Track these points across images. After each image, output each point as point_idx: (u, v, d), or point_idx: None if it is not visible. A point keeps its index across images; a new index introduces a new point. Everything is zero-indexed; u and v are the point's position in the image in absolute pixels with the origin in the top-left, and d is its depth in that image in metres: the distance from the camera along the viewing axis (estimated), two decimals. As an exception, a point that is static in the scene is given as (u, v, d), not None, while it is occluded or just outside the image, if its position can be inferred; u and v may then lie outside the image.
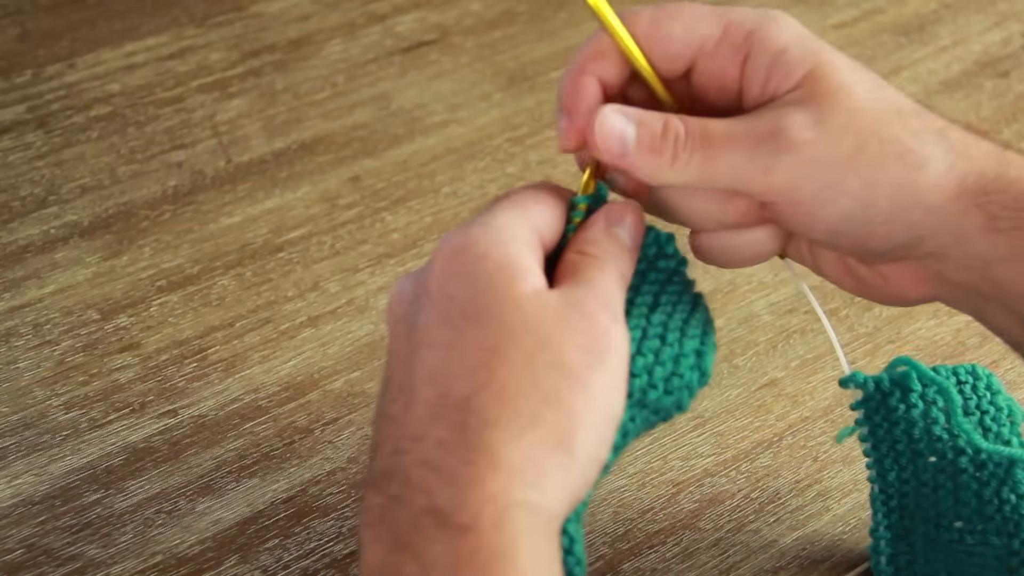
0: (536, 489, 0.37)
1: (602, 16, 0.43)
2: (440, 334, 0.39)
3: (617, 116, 0.43)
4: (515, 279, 0.39)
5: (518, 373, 0.38)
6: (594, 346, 0.39)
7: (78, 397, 0.62)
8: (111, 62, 0.85)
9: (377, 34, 0.88)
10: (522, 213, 0.41)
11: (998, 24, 0.90)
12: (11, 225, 0.72)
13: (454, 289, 0.40)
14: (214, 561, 0.55)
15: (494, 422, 0.37)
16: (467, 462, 0.37)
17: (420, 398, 0.38)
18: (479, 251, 0.40)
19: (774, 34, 0.43)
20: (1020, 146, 0.79)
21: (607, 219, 0.43)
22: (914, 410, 0.51)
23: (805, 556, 0.56)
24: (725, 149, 0.42)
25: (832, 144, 0.41)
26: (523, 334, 0.38)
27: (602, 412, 0.39)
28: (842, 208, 0.42)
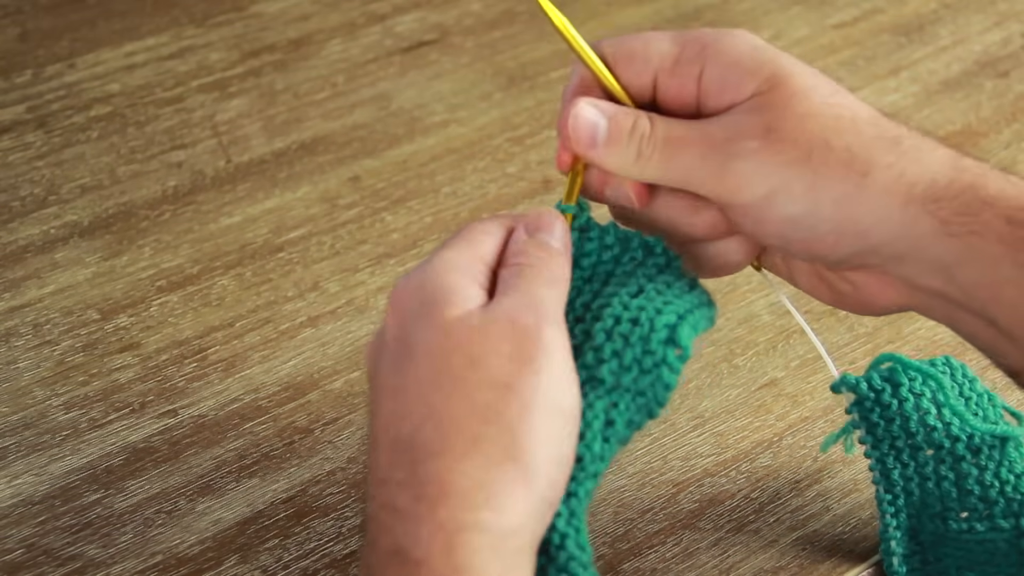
0: (488, 508, 0.38)
1: (565, 34, 0.46)
2: (390, 379, 0.41)
3: (590, 109, 0.45)
4: (445, 307, 0.40)
5: (453, 398, 0.39)
6: (520, 351, 0.39)
7: (78, 397, 0.62)
8: (111, 62, 0.85)
9: (377, 34, 0.88)
10: (466, 245, 0.43)
11: (998, 24, 0.90)
12: (11, 225, 0.72)
13: (399, 331, 0.41)
14: (214, 561, 0.55)
15: (438, 452, 0.38)
16: (418, 497, 0.38)
17: (381, 445, 0.40)
18: (414, 287, 0.42)
19: (727, 47, 0.44)
20: (1020, 146, 0.79)
21: (526, 228, 0.45)
22: (906, 403, 0.51)
23: (805, 556, 0.56)
24: (682, 150, 0.44)
25: (779, 151, 0.42)
26: (451, 358, 0.39)
27: (545, 411, 0.39)
28: (787, 213, 0.43)
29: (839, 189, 0.42)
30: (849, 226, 0.43)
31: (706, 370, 0.64)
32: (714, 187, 0.44)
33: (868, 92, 0.83)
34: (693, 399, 0.63)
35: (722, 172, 0.43)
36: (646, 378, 0.42)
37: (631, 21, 0.90)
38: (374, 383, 0.42)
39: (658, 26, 0.89)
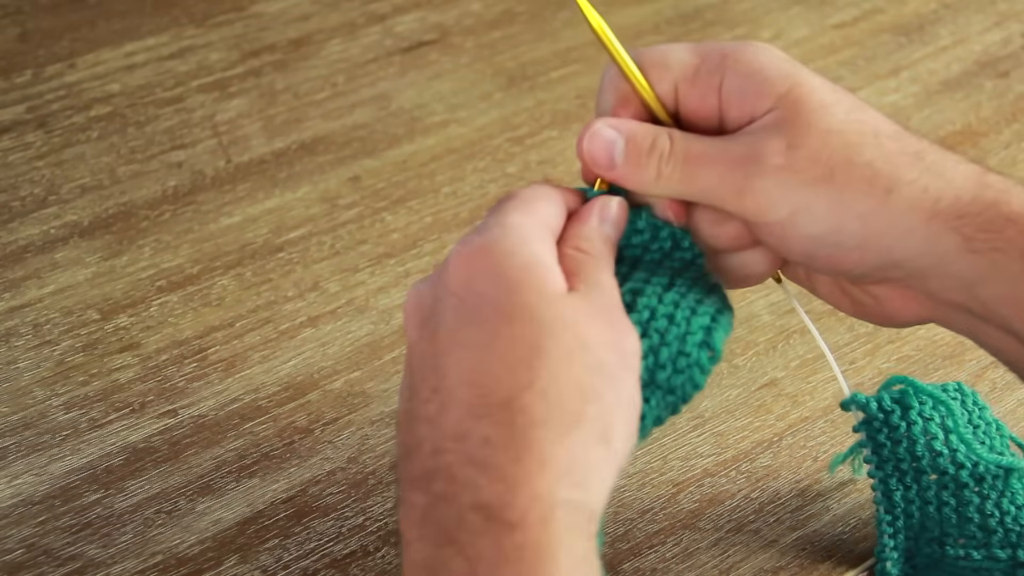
0: (581, 488, 0.38)
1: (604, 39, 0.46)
2: (473, 334, 0.39)
3: (607, 129, 0.44)
4: (545, 279, 0.40)
5: (561, 373, 0.38)
6: (621, 346, 0.40)
7: (78, 397, 0.62)
8: (111, 62, 0.85)
9: (377, 34, 0.88)
10: (532, 212, 0.42)
11: (998, 24, 0.90)
12: (11, 225, 0.72)
13: (482, 287, 0.40)
14: (214, 561, 0.55)
15: (541, 421, 0.38)
16: (515, 460, 0.37)
17: (458, 399, 0.39)
18: (505, 249, 0.40)
19: (748, 57, 0.44)
20: (1020, 146, 0.79)
21: (600, 216, 0.44)
22: (915, 427, 0.51)
23: (805, 556, 0.56)
24: (703, 169, 0.43)
25: (802, 169, 0.42)
26: (562, 333, 0.39)
27: (629, 406, 0.40)
28: (812, 231, 0.43)
29: (863, 206, 0.42)
30: (873, 242, 0.43)
31: (706, 370, 0.64)
32: (736, 206, 0.43)
33: (868, 92, 0.83)
34: (693, 399, 0.63)
35: (744, 191, 0.43)
36: (679, 377, 0.43)
37: (631, 21, 0.90)
38: (436, 339, 0.40)
39: (658, 26, 0.90)
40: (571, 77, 0.85)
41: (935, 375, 0.64)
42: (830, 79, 0.45)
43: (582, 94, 0.83)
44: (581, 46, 0.87)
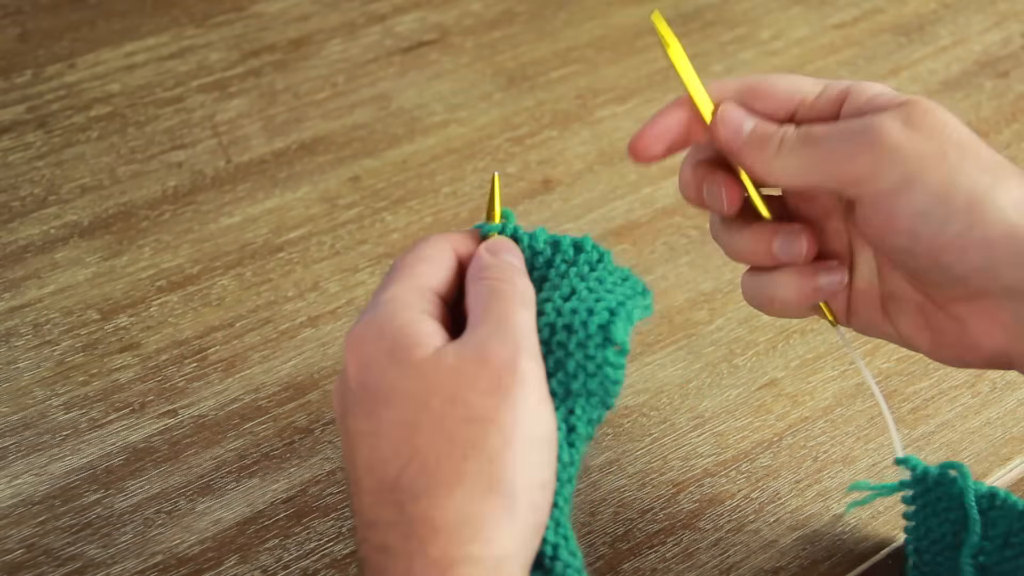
0: (477, 541, 0.39)
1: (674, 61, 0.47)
2: (365, 424, 0.42)
3: (737, 110, 0.47)
4: (412, 348, 0.41)
5: (435, 438, 0.40)
6: (498, 386, 0.40)
7: (78, 397, 0.62)
8: (111, 62, 0.85)
9: (377, 34, 0.88)
10: (408, 277, 0.44)
11: (998, 24, 0.90)
12: (11, 225, 0.72)
13: (364, 376, 0.42)
14: (214, 561, 0.55)
15: (423, 492, 0.39)
16: (408, 536, 0.39)
17: (364, 488, 0.41)
18: (374, 333, 0.42)
19: (867, 87, 0.46)
20: (1020, 146, 0.79)
21: (489, 250, 0.46)
22: (951, 513, 0.52)
23: (805, 556, 0.56)
24: (825, 139, 0.44)
25: (918, 140, 0.43)
26: (430, 399, 0.40)
27: (525, 441, 0.40)
28: (920, 205, 0.43)
29: (973, 188, 0.42)
30: (978, 231, 0.42)
31: (706, 370, 0.64)
32: (849, 171, 0.44)
33: (868, 92, 0.83)
34: (693, 399, 0.63)
35: (859, 153, 0.43)
36: (593, 380, 0.43)
37: (631, 21, 0.90)
38: (346, 429, 0.43)
39: (658, 26, 0.90)
40: (571, 77, 0.85)
41: (935, 375, 0.64)
42: (830, 79, 0.46)
43: (582, 94, 0.83)
44: (581, 46, 0.87)
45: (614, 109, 0.82)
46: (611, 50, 0.87)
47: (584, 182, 0.76)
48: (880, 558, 0.56)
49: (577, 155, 0.78)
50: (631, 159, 0.48)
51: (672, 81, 0.84)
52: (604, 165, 0.77)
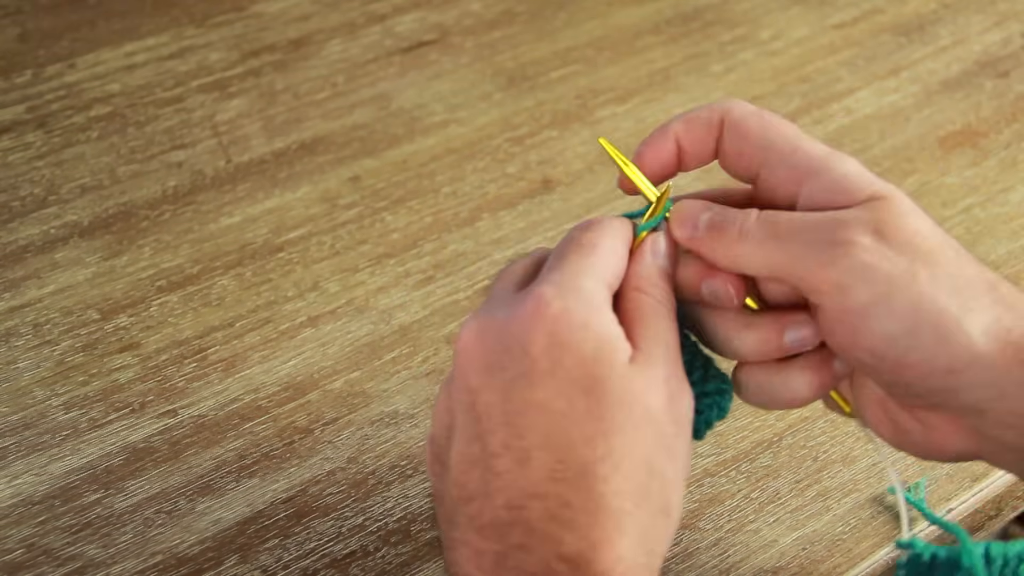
0: (652, 555, 0.41)
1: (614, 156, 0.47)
2: (552, 399, 0.41)
3: (695, 202, 0.46)
4: (615, 352, 0.42)
5: (631, 447, 0.41)
6: (680, 417, 0.43)
7: (78, 397, 0.62)
8: (111, 62, 0.85)
9: (377, 34, 0.88)
10: (600, 272, 0.43)
11: (998, 24, 0.90)
12: (11, 225, 0.72)
13: (559, 355, 0.41)
14: (214, 561, 0.55)
15: (616, 492, 0.40)
16: (594, 524, 0.40)
17: (536, 461, 0.41)
18: (580, 320, 0.41)
19: (838, 163, 0.44)
20: (1020, 146, 0.79)
21: (653, 251, 0.46)
22: None
23: (805, 556, 0.56)
24: (789, 238, 0.43)
25: (888, 258, 0.41)
26: (632, 407, 0.41)
27: (685, 474, 0.43)
28: (886, 327, 0.42)
29: (940, 317, 0.41)
30: (943, 358, 0.41)
31: (706, 370, 0.64)
32: (815, 280, 0.42)
33: (868, 92, 0.83)
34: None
35: (827, 263, 0.42)
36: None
37: (631, 21, 0.90)
38: (511, 393, 0.41)
39: (658, 26, 0.90)
40: (571, 77, 0.85)
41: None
42: (830, 79, 0.46)
43: (582, 94, 0.83)
44: (581, 46, 0.87)
45: (614, 109, 0.82)
46: (611, 50, 0.87)
47: (584, 182, 0.76)
48: (880, 558, 0.56)
49: (577, 155, 0.78)
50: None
51: (672, 81, 0.84)
52: (604, 165, 0.77)
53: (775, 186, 0.45)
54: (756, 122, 0.45)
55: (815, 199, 0.44)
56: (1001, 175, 0.77)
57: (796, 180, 0.44)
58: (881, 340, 0.42)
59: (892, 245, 0.42)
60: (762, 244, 0.43)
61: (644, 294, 0.44)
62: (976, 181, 0.76)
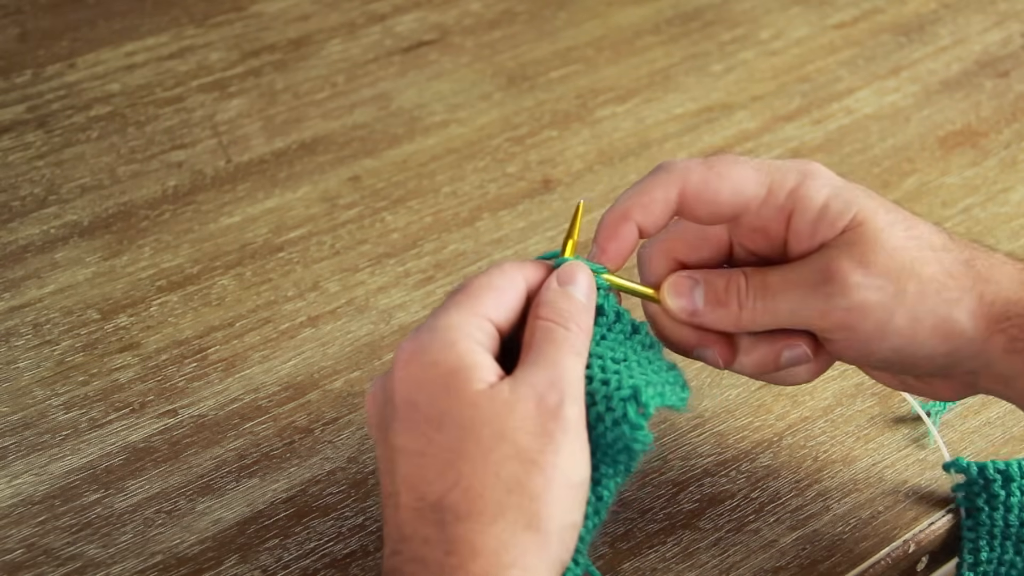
0: (516, 567, 0.41)
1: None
2: (410, 441, 0.43)
3: (683, 280, 0.48)
4: (468, 380, 0.43)
5: (480, 469, 0.42)
6: (544, 429, 0.42)
7: (78, 397, 0.62)
8: (111, 62, 0.85)
9: (377, 34, 0.88)
10: (471, 305, 0.45)
11: (998, 24, 0.90)
12: (11, 225, 0.72)
13: (414, 396, 0.43)
14: (214, 561, 0.55)
15: (466, 516, 0.41)
16: (448, 553, 0.41)
17: (403, 502, 0.43)
18: (429, 359, 0.43)
19: (814, 192, 0.47)
20: (1020, 146, 0.79)
21: (559, 279, 0.47)
22: (1013, 498, 0.55)
23: (805, 556, 0.56)
24: (784, 295, 0.47)
25: (878, 288, 0.46)
26: (481, 430, 0.42)
27: (563, 485, 0.42)
28: (891, 344, 0.47)
29: (935, 319, 0.46)
30: (942, 349, 0.47)
31: (706, 370, 0.64)
32: (821, 324, 0.47)
33: (868, 92, 0.83)
34: (693, 399, 0.63)
35: (826, 312, 0.46)
36: (611, 434, 0.44)
37: (630, 21, 0.90)
38: (386, 443, 0.44)
39: (658, 26, 0.90)
40: (571, 77, 0.85)
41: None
42: (830, 79, 0.46)
43: (582, 94, 0.83)
44: (581, 46, 0.87)
45: (614, 109, 0.82)
46: (611, 50, 0.87)
47: (584, 182, 0.76)
48: (880, 558, 0.56)
49: (577, 155, 0.78)
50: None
51: (672, 81, 0.84)
52: (604, 165, 0.77)
53: (764, 223, 0.47)
54: (717, 184, 0.47)
55: (801, 231, 0.47)
56: (1001, 175, 0.77)
57: (780, 219, 0.47)
58: (889, 352, 0.47)
59: (878, 273, 0.46)
60: (762, 309, 0.47)
61: (539, 319, 0.45)
62: (976, 181, 0.76)
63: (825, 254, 0.46)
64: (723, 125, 0.81)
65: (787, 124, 0.81)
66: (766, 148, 0.79)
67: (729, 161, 0.47)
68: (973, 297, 0.46)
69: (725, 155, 0.47)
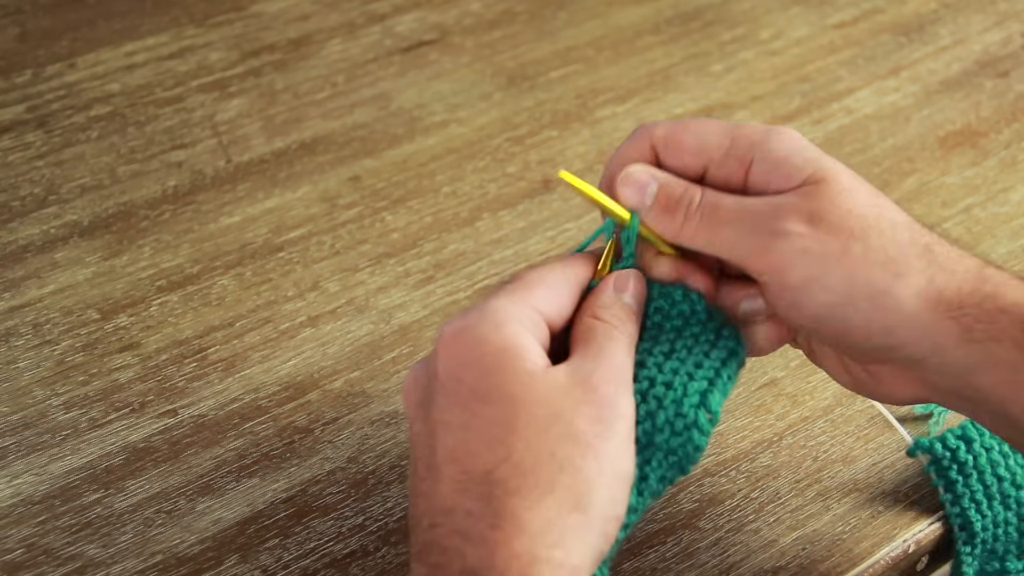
0: (558, 548, 0.41)
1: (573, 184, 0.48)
2: (454, 416, 0.43)
3: (643, 173, 0.47)
4: (518, 359, 0.43)
5: (533, 445, 0.42)
6: (601, 415, 0.43)
7: (78, 397, 0.62)
8: (111, 62, 0.85)
9: (377, 34, 0.88)
10: (523, 295, 0.45)
11: (998, 24, 0.90)
12: (11, 225, 0.72)
13: (460, 373, 0.43)
14: (214, 561, 0.55)
15: (515, 491, 0.41)
16: (494, 527, 0.41)
17: (445, 475, 0.42)
18: (477, 336, 0.43)
19: (775, 144, 0.47)
20: (1020, 146, 0.79)
21: (615, 286, 0.47)
22: (980, 458, 0.56)
23: (805, 556, 0.56)
24: (729, 224, 0.46)
25: (821, 241, 0.45)
26: (535, 408, 0.42)
27: (612, 474, 0.43)
28: (823, 299, 0.45)
29: (873, 286, 0.45)
30: (879, 322, 0.45)
31: (706, 370, 0.64)
32: (755, 263, 0.46)
33: (868, 92, 0.83)
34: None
35: (765, 250, 0.45)
36: (677, 439, 0.45)
37: (630, 21, 0.90)
38: (428, 419, 0.44)
39: (658, 26, 0.90)
40: (571, 77, 0.85)
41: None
42: (830, 79, 0.46)
43: (582, 94, 0.83)
44: (581, 46, 0.87)
45: (614, 109, 0.82)
46: (611, 50, 0.87)
47: (584, 182, 0.76)
48: (880, 558, 0.56)
49: (577, 155, 0.78)
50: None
51: (672, 81, 0.84)
52: (604, 165, 0.77)
53: (726, 175, 0.47)
54: (682, 135, 0.48)
55: (757, 181, 0.47)
56: (1001, 175, 0.77)
57: (742, 165, 0.47)
58: (820, 309, 0.45)
59: (825, 228, 0.45)
60: (704, 228, 0.46)
61: (595, 319, 0.46)
62: (976, 181, 0.76)
63: (779, 198, 0.46)
64: (723, 125, 0.81)
65: (787, 124, 0.81)
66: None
67: (701, 119, 0.48)
68: (922, 278, 0.45)
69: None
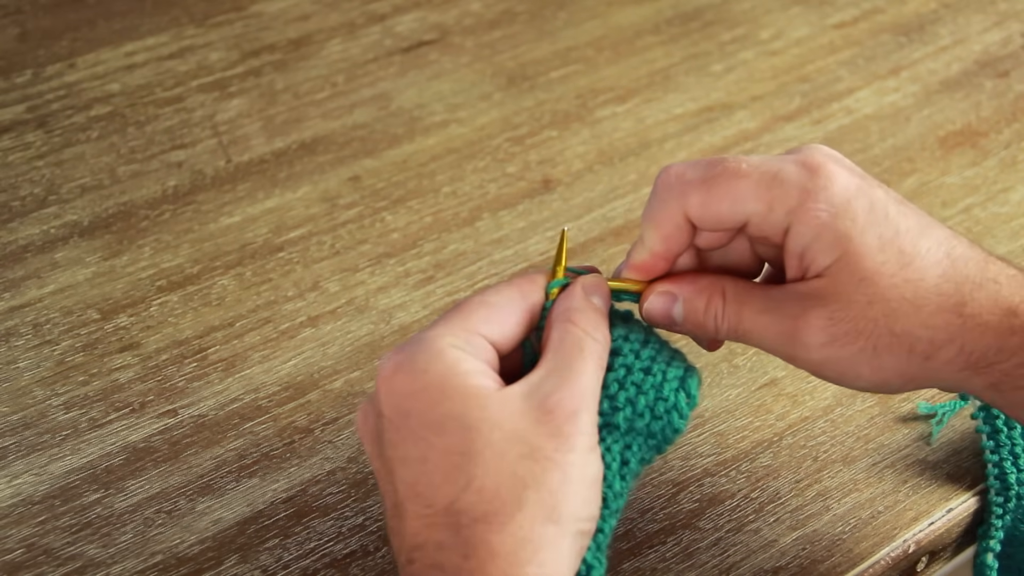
0: (534, 564, 0.41)
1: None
2: (408, 450, 0.43)
3: (663, 299, 0.49)
4: (465, 384, 0.43)
5: (492, 469, 0.42)
6: (559, 431, 0.43)
7: (78, 397, 0.62)
8: (111, 62, 0.85)
9: (377, 34, 0.88)
10: (460, 322, 0.45)
11: (998, 24, 0.90)
12: (11, 225, 0.72)
13: (406, 406, 0.43)
14: (214, 561, 0.55)
15: (482, 517, 0.41)
16: (466, 556, 0.41)
17: (410, 512, 0.43)
18: (417, 367, 0.43)
19: (812, 215, 0.46)
20: (1020, 146, 0.79)
21: (585, 289, 0.48)
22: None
23: (805, 556, 0.56)
24: (755, 334, 0.48)
25: (846, 344, 0.46)
26: (490, 432, 0.42)
27: (580, 480, 0.43)
28: (858, 385, 0.48)
29: (903, 369, 0.46)
30: (913, 388, 0.48)
31: (706, 370, 0.64)
32: (787, 358, 0.48)
33: (868, 92, 0.83)
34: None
35: (793, 358, 0.47)
36: (658, 422, 0.46)
37: (630, 21, 0.90)
38: (382, 457, 0.44)
39: (658, 26, 0.90)
40: (571, 77, 0.85)
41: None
42: (830, 79, 0.46)
43: (582, 94, 0.83)
44: (581, 46, 0.87)
45: (614, 109, 0.82)
46: (611, 50, 0.87)
47: (584, 182, 0.76)
48: (880, 558, 0.56)
49: (577, 155, 0.78)
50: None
51: (672, 81, 0.84)
52: (604, 165, 0.77)
53: (765, 235, 0.47)
54: (718, 198, 0.47)
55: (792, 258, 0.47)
56: (1001, 175, 0.77)
57: (779, 234, 0.47)
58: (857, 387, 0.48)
59: (848, 328, 0.46)
60: (736, 336, 0.48)
61: (569, 323, 0.46)
62: (976, 181, 0.76)
63: (799, 302, 0.46)
64: (723, 125, 0.81)
65: (787, 124, 0.81)
66: (766, 148, 0.79)
67: (729, 175, 0.46)
68: (952, 350, 0.46)
69: (726, 164, 0.46)
